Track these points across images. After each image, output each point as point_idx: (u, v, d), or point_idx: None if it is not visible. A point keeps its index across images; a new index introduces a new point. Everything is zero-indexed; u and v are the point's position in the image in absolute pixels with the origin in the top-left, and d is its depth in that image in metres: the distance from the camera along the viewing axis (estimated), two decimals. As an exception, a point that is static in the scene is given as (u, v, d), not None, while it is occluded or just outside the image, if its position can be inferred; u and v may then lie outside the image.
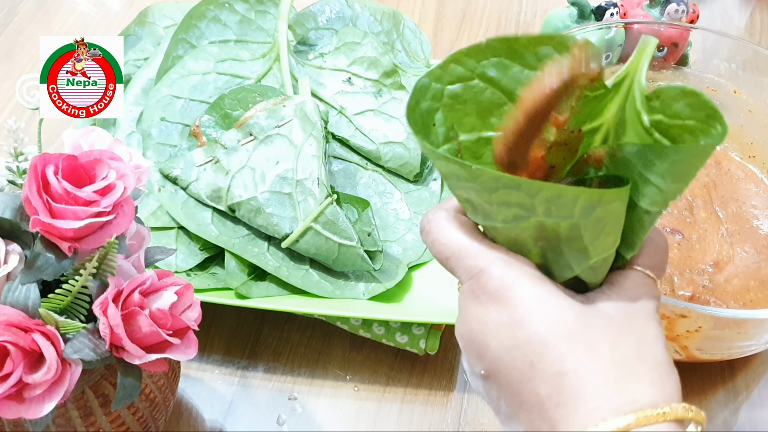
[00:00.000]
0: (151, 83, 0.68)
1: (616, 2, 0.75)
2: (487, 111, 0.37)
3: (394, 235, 0.65)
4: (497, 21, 0.92)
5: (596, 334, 0.34)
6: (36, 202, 0.40)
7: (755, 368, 0.63)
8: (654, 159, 0.33)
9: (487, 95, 0.37)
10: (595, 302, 0.36)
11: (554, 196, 0.32)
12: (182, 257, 0.61)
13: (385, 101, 0.70)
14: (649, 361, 0.34)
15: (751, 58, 0.70)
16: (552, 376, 0.33)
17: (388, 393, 0.60)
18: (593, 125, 0.37)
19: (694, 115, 0.33)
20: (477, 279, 0.36)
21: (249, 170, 0.62)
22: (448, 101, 0.37)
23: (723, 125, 0.32)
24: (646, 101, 0.34)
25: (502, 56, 0.36)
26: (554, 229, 0.34)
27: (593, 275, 0.37)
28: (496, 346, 0.35)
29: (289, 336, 0.63)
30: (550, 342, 0.34)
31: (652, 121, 0.34)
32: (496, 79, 0.37)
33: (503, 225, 0.35)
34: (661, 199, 0.34)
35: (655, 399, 0.33)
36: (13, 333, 0.39)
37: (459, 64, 0.37)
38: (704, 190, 0.69)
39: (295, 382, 0.60)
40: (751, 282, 0.62)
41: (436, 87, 0.37)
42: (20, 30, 0.85)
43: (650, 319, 0.36)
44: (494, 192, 0.33)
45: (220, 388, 0.59)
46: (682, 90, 0.33)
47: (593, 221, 0.33)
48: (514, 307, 0.35)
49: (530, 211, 0.33)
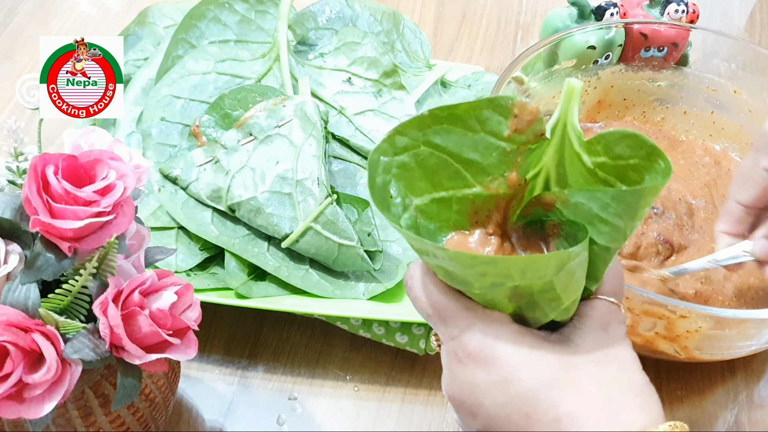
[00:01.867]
0: (151, 83, 0.68)
1: (616, 2, 0.75)
2: (435, 173, 0.39)
3: (394, 235, 0.65)
4: (497, 21, 0.92)
5: (581, 375, 0.36)
6: (36, 202, 0.40)
7: (755, 368, 0.63)
8: (610, 202, 0.35)
9: (433, 160, 0.39)
10: (571, 339, 0.38)
11: (528, 264, 0.34)
12: (182, 257, 0.61)
13: (385, 101, 0.70)
14: (632, 388, 0.37)
15: (751, 58, 0.70)
16: (549, 423, 0.36)
17: (388, 393, 0.60)
18: (534, 171, 0.39)
19: (636, 153, 0.35)
20: (459, 341, 0.38)
21: (249, 170, 0.62)
22: (398, 171, 0.38)
23: (665, 160, 0.34)
24: (587, 145, 0.36)
25: (444, 124, 0.38)
26: (529, 287, 0.36)
27: (565, 314, 0.39)
28: (490, 404, 0.37)
29: (289, 336, 0.63)
30: (542, 393, 0.36)
31: (595, 163, 0.36)
32: (441, 145, 0.38)
33: (480, 291, 0.37)
34: (620, 236, 0.36)
35: (644, 423, 0.35)
36: (13, 333, 0.39)
37: (403, 135, 0.38)
38: (705, 189, 0.69)
39: (295, 382, 0.60)
40: (752, 279, 0.62)
41: (384, 160, 0.38)
42: (20, 30, 0.85)
43: (623, 345, 0.38)
44: (472, 267, 0.35)
45: (220, 388, 0.59)
46: (622, 133, 0.35)
47: (564, 274, 0.35)
48: (501, 366, 0.37)
49: (507, 278, 0.35)
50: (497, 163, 0.39)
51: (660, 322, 0.54)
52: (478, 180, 0.39)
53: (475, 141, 0.38)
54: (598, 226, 0.36)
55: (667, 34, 0.72)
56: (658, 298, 0.51)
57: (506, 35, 0.91)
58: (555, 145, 0.38)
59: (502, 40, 0.90)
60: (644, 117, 0.75)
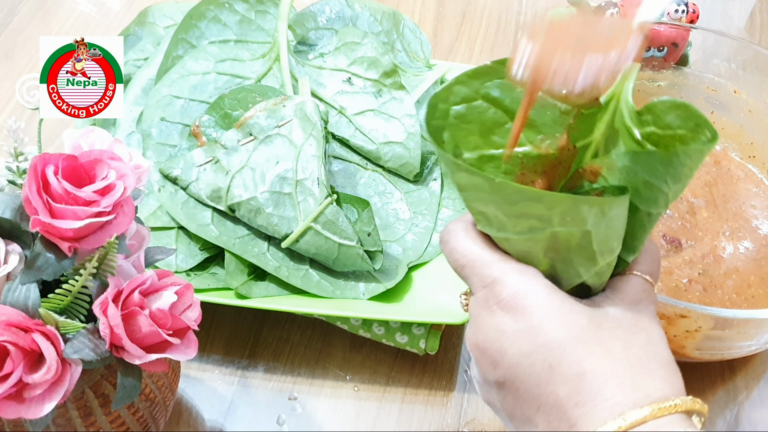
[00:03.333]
0: (151, 83, 0.68)
1: (616, 2, 0.75)
2: (490, 130, 0.39)
3: (394, 235, 0.65)
4: (497, 21, 0.93)
5: (609, 337, 0.36)
6: (36, 202, 0.40)
7: (755, 368, 0.63)
8: (658, 165, 0.34)
9: (489, 115, 0.39)
10: (603, 307, 0.38)
11: (571, 206, 0.34)
12: (182, 257, 0.61)
13: (385, 101, 0.70)
14: (658, 360, 0.37)
15: (751, 58, 0.70)
16: (571, 377, 0.35)
17: (388, 393, 0.60)
18: (585, 142, 0.39)
19: (685, 124, 0.35)
20: (491, 288, 0.38)
21: (249, 170, 0.62)
22: (454, 121, 0.39)
23: (712, 131, 0.34)
24: (636, 116, 0.36)
25: (505, 78, 0.38)
26: (566, 238, 0.35)
27: (598, 279, 0.38)
28: (514, 352, 0.37)
29: (289, 336, 0.63)
30: (568, 346, 0.36)
31: (643, 133, 0.36)
32: (499, 99, 0.39)
33: (517, 236, 0.36)
34: (664, 201, 0.36)
35: (667, 393, 0.35)
36: (13, 333, 0.39)
37: (463, 85, 0.38)
38: (706, 189, 0.69)
39: (295, 382, 0.60)
40: (752, 277, 0.62)
41: (442, 107, 0.38)
42: (20, 30, 0.85)
43: (653, 321, 0.38)
44: (515, 205, 0.35)
45: (220, 388, 0.59)
46: (673, 103, 0.35)
47: (603, 228, 0.35)
48: (531, 315, 0.36)
49: (547, 222, 0.35)
50: (550, 123, 0.39)
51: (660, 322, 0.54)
52: (529, 139, 0.39)
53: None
54: (642, 192, 0.36)
55: (667, 34, 0.72)
56: (659, 298, 0.51)
57: (506, 35, 0.91)
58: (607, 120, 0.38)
59: (502, 40, 0.90)
60: (644, 117, 0.75)
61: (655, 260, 0.41)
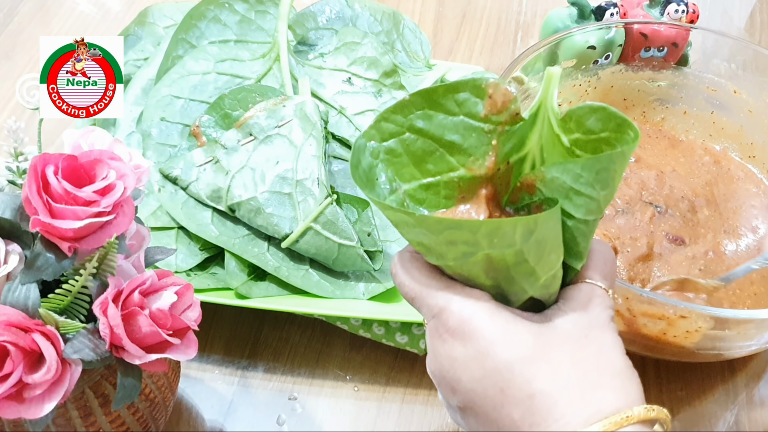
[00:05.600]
0: (151, 83, 0.68)
1: (616, 2, 0.75)
2: (422, 159, 0.41)
3: (394, 235, 0.65)
4: (497, 21, 0.93)
5: (556, 353, 0.36)
6: (36, 202, 0.40)
7: (755, 368, 0.63)
8: (580, 172, 0.35)
9: (419, 145, 0.40)
10: (551, 320, 0.38)
11: (494, 229, 0.35)
12: (182, 257, 0.61)
13: (385, 101, 0.70)
14: (609, 370, 0.36)
15: (751, 58, 0.70)
16: (522, 399, 0.36)
17: (388, 393, 0.60)
18: (520, 155, 0.40)
19: (606, 126, 0.36)
20: (438, 317, 0.38)
21: (249, 170, 0.62)
22: (386, 156, 0.40)
23: (634, 130, 0.35)
24: (562, 124, 0.37)
25: (425, 108, 0.40)
26: (501, 258, 0.36)
27: (546, 292, 0.39)
28: (467, 379, 0.37)
29: (289, 336, 0.63)
30: (516, 368, 0.36)
31: (570, 140, 0.37)
32: (425, 129, 0.40)
33: (455, 262, 0.37)
34: (596, 207, 0.36)
35: (618, 405, 0.35)
36: (13, 333, 0.39)
37: (389, 121, 0.40)
38: (707, 188, 0.69)
39: (295, 382, 0.60)
40: (754, 275, 0.62)
41: (372, 146, 0.40)
42: (20, 30, 0.85)
43: (606, 329, 0.38)
44: (440, 234, 0.36)
45: (220, 388, 0.59)
46: (590, 107, 0.36)
47: (534, 244, 0.35)
48: (477, 340, 0.37)
49: (476, 246, 0.35)
50: (477, 144, 0.40)
51: (660, 322, 0.54)
52: (461, 162, 0.40)
53: (455, 123, 0.40)
54: (573, 199, 0.36)
55: (667, 34, 0.72)
56: (658, 297, 0.51)
57: (506, 35, 0.91)
58: (538, 130, 0.39)
59: (502, 40, 0.90)
60: (644, 117, 0.75)
61: (608, 262, 0.40)
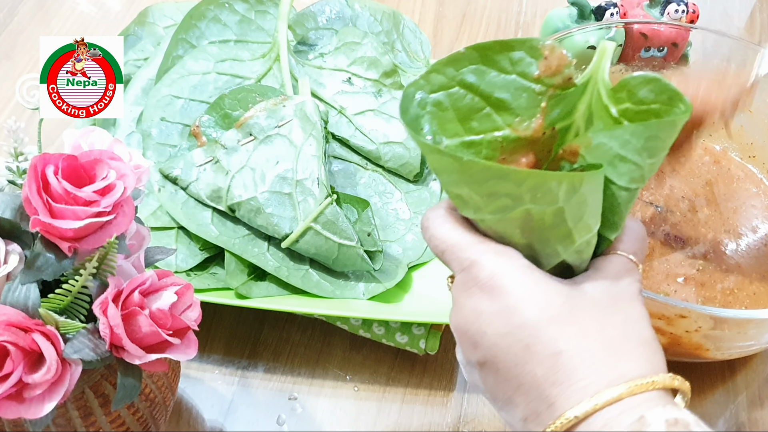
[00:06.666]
0: (151, 83, 0.68)
1: (616, 2, 0.75)
2: (467, 116, 0.40)
3: (394, 235, 0.65)
4: (497, 21, 0.92)
5: (584, 316, 0.36)
6: (36, 202, 0.40)
7: (755, 368, 0.63)
8: (630, 138, 0.35)
9: (466, 101, 0.40)
10: (581, 286, 0.38)
11: (539, 182, 0.34)
12: (182, 257, 0.61)
13: (385, 101, 0.70)
14: (635, 339, 0.37)
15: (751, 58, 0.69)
16: (547, 357, 0.36)
17: (388, 393, 0.60)
18: (565, 124, 0.40)
19: (658, 98, 0.36)
20: (469, 270, 0.38)
21: (249, 170, 0.62)
22: (432, 109, 0.39)
23: (685, 104, 0.34)
24: (612, 94, 0.37)
25: (478, 63, 0.39)
26: (540, 217, 0.36)
27: (578, 258, 0.39)
28: (492, 333, 0.37)
29: (289, 336, 0.63)
30: (543, 326, 0.36)
31: (619, 111, 0.37)
32: (475, 85, 0.40)
33: (492, 216, 0.37)
34: (639, 175, 0.36)
35: (644, 371, 0.35)
36: (13, 333, 0.39)
37: (439, 73, 0.39)
38: (707, 188, 0.69)
39: (295, 382, 0.60)
40: (753, 274, 0.62)
41: (420, 96, 0.39)
42: (20, 30, 0.85)
43: (634, 300, 0.38)
44: (484, 183, 0.35)
45: (220, 388, 0.59)
46: (645, 78, 0.36)
47: (575, 204, 0.35)
48: (506, 296, 0.37)
49: (518, 200, 0.35)
50: (526, 105, 0.39)
51: (659, 322, 0.54)
52: (507, 122, 0.40)
53: (506, 81, 0.39)
54: (618, 167, 0.36)
55: (667, 34, 0.72)
56: (658, 297, 0.51)
57: (506, 35, 0.91)
58: (586, 100, 0.39)
59: (502, 40, 0.90)
60: (644, 117, 0.75)
61: (640, 239, 0.41)
